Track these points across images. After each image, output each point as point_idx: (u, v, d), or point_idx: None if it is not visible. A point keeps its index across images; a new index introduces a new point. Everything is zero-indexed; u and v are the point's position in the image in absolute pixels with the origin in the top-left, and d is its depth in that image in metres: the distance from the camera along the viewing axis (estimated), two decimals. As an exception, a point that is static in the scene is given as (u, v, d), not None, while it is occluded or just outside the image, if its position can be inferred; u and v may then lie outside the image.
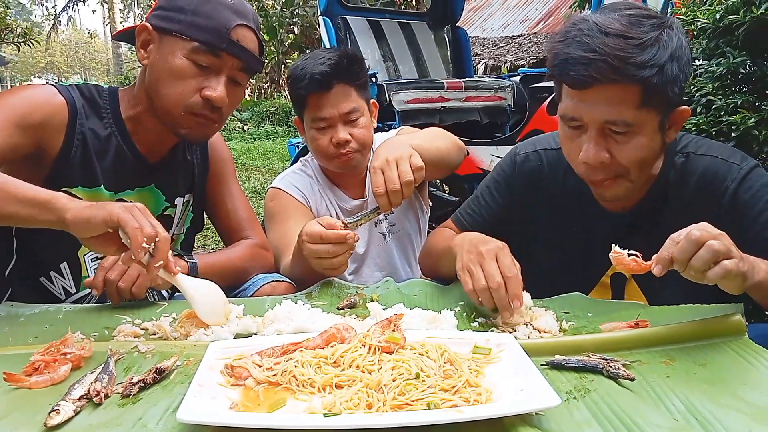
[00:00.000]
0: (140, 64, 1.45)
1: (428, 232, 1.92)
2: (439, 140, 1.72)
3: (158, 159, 1.54)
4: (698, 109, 1.75)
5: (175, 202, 1.60)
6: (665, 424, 0.82)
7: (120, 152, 1.47)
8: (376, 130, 1.95)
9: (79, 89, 1.46)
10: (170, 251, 1.16)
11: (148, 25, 1.41)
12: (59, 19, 28.31)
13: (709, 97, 1.72)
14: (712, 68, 1.75)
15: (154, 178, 1.54)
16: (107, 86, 1.53)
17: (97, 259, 1.49)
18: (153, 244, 1.11)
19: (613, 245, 1.14)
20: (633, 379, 0.95)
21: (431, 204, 2.06)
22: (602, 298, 1.42)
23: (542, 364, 1.01)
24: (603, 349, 1.06)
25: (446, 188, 4.50)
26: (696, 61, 1.96)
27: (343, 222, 1.43)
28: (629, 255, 1.12)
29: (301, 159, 2.01)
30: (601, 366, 0.98)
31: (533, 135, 1.72)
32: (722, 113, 1.68)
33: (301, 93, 1.78)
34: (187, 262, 1.43)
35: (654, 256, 1.06)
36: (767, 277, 1.08)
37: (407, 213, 1.94)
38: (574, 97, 1.22)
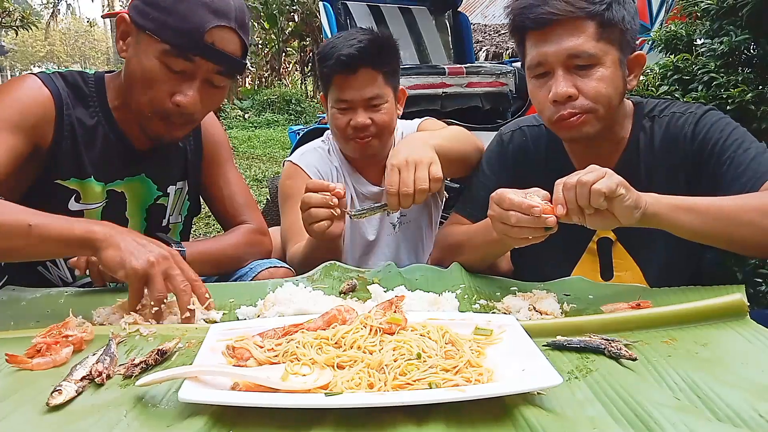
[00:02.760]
0: (119, 57, 1.40)
1: (440, 224, 1.91)
2: (461, 143, 1.67)
3: (147, 147, 1.50)
4: (699, 87, 1.75)
5: (168, 191, 1.57)
6: (667, 403, 0.82)
7: (107, 141, 1.44)
8: None
9: (63, 77, 1.41)
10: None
11: (127, 16, 1.34)
12: (58, 7, 28.17)
13: (711, 75, 1.72)
14: (714, 47, 1.74)
15: (143, 167, 1.51)
16: (93, 72, 1.48)
17: None
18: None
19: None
20: (635, 359, 0.95)
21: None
22: (591, 264, 1.47)
23: (544, 345, 1.01)
24: (604, 330, 1.06)
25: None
26: (698, 40, 1.95)
27: (346, 212, 1.42)
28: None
29: (322, 138, 1.97)
30: (603, 346, 0.98)
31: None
32: (722, 90, 1.68)
33: (327, 72, 1.75)
34: (176, 250, 1.41)
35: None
36: (672, 204, 1.15)
37: (423, 206, 1.91)
38: (538, 41, 1.34)
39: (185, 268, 1.17)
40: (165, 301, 1.13)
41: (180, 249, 1.42)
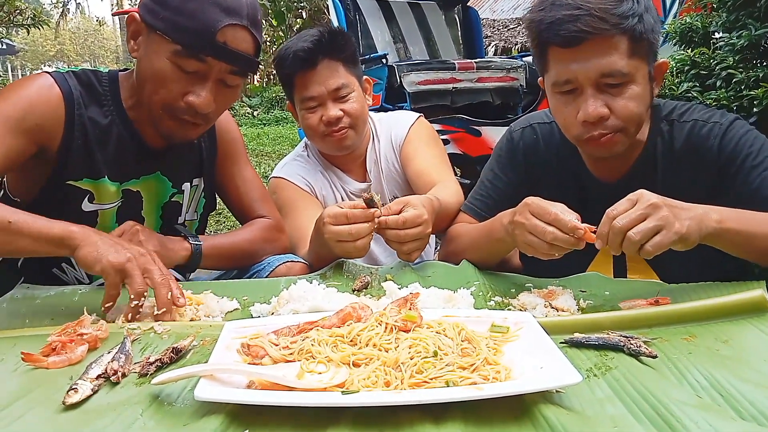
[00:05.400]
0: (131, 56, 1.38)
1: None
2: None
3: (162, 145, 1.48)
4: (718, 83, 1.71)
5: (182, 188, 1.57)
6: (689, 401, 0.80)
7: (122, 140, 1.42)
8: (385, 110, 1.92)
9: (77, 76, 1.39)
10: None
11: (137, 15, 1.31)
12: (68, 6, 28.32)
13: (729, 71, 1.68)
14: (732, 41, 1.70)
15: (159, 164, 1.50)
16: (107, 71, 1.46)
17: None
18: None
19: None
20: (655, 356, 0.93)
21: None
22: (604, 266, 1.43)
23: (561, 343, 0.99)
24: (622, 326, 1.05)
25: (458, 170, 4.48)
26: (716, 34, 1.92)
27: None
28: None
29: (300, 147, 1.98)
30: (622, 343, 0.96)
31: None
32: (743, 87, 1.65)
33: (288, 73, 1.75)
34: (191, 244, 1.42)
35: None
36: (720, 226, 1.11)
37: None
38: (566, 59, 1.26)
39: (161, 266, 1.17)
40: (145, 295, 1.13)
41: (196, 243, 1.43)
